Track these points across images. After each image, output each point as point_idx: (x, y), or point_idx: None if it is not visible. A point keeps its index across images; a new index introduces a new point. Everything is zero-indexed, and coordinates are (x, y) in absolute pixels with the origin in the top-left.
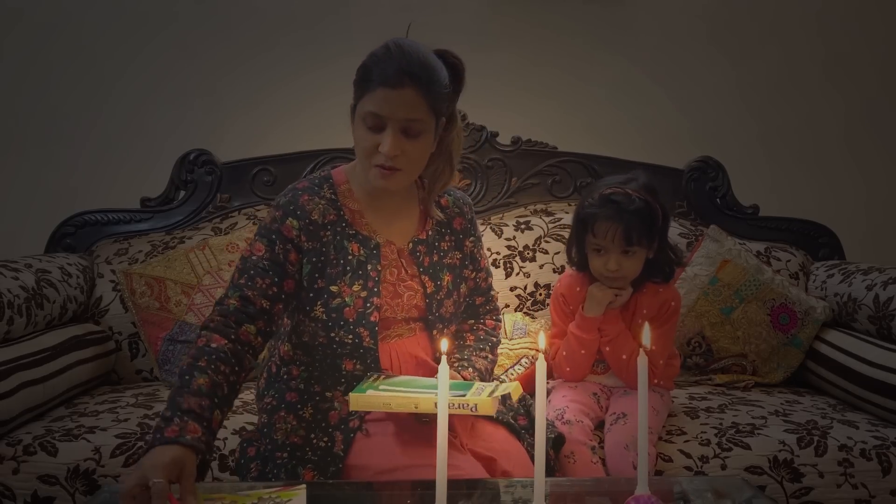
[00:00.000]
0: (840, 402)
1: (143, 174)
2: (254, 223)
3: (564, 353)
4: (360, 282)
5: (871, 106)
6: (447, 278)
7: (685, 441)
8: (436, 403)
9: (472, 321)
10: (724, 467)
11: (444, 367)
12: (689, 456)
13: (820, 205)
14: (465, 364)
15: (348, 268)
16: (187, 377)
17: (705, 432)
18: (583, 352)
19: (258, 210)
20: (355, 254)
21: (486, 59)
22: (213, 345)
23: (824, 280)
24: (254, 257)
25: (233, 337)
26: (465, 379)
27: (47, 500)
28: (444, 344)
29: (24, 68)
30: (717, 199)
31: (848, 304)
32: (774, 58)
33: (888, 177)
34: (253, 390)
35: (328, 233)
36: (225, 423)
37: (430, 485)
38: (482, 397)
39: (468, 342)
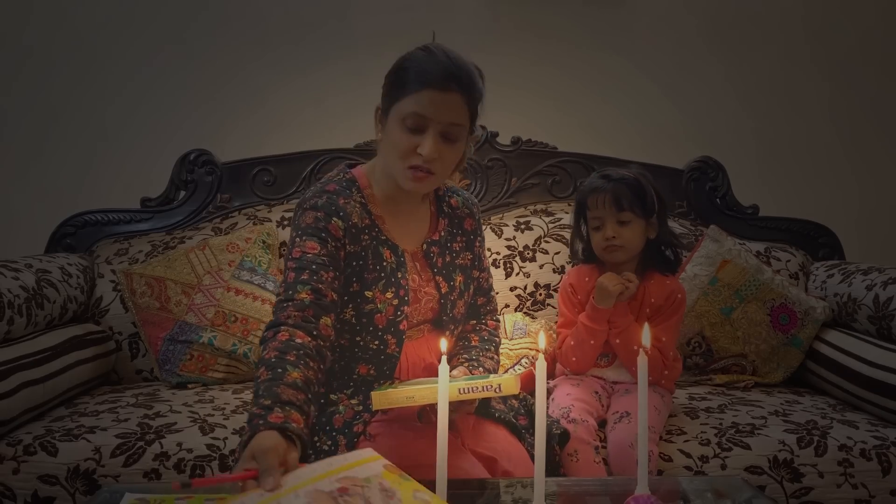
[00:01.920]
0: (840, 402)
1: (143, 174)
2: (254, 223)
3: (573, 343)
4: (393, 290)
5: (872, 106)
6: (459, 279)
7: (685, 441)
8: (459, 389)
9: (475, 321)
10: (724, 467)
11: (443, 367)
12: (689, 456)
13: (820, 205)
14: (476, 364)
15: (383, 274)
16: (280, 370)
17: (705, 432)
18: (592, 342)
19: (258, 210)
20: (388, 261)
21: (486, 59)
22: (298, 340)
23: (824, 280)
24: (309, 255)
25: (314, 333)
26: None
27: (47, 500)
28: (444, 344)
29: (24, 68)
30: (717, 199)
31: (848, 304)
32: (774, 58)
33: (888, 177)
34: (252, 391)
35: (366, 237)
36: (224, 423)
37: (430, 485)
38: (505, 377)
39: (473, 343)
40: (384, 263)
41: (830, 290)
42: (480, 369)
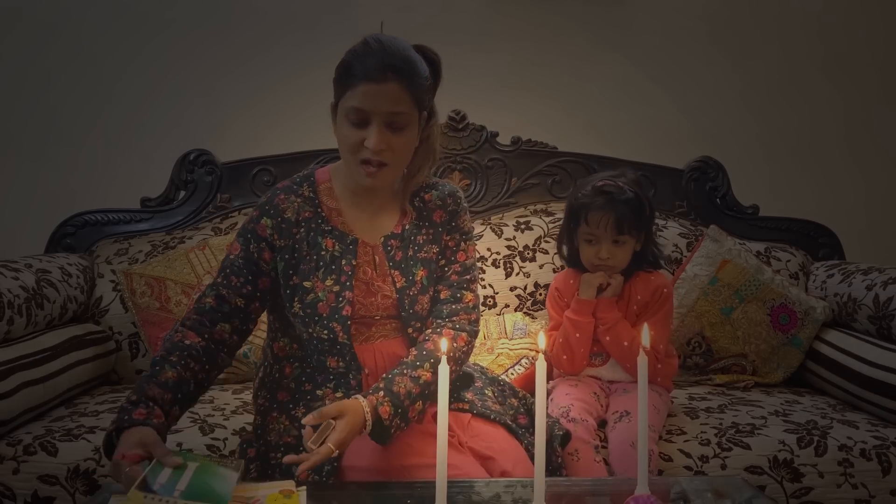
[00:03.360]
0: (840, 402)
1: (143, 174)
2: None
3: (561, 340)
4: (333, 276)
5: (872, 106)
6: (421, 273)
7: (685, 441)
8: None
9: (435, 324)
10: (724, 467)
11: (443, 367)
12: (689, 456)
13: (820, 205)
14: (382, 384)
15: (321, 263)
16: (157, 368)
17: (705, 432)
18: (577, 335)
19: None
20: (329, 249)
21: (486, 59)
22: (187, 341)
23: (824, 280)
24: (231, 256)
25: (206, 336)
26: (368, 408)
27: (47, 500)
28: (444, 343)
29: (23, 68)
30: (717, 199)
31: (848, 304)
32: (774, 58)
33: (888, 177)
34: (252, 391)
35: (301, 230)
36: (224, 423)
37: (430, 485)
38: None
39: (411, 357)
40: (322, 252)
41: (830, 290)
42: (381, 394)
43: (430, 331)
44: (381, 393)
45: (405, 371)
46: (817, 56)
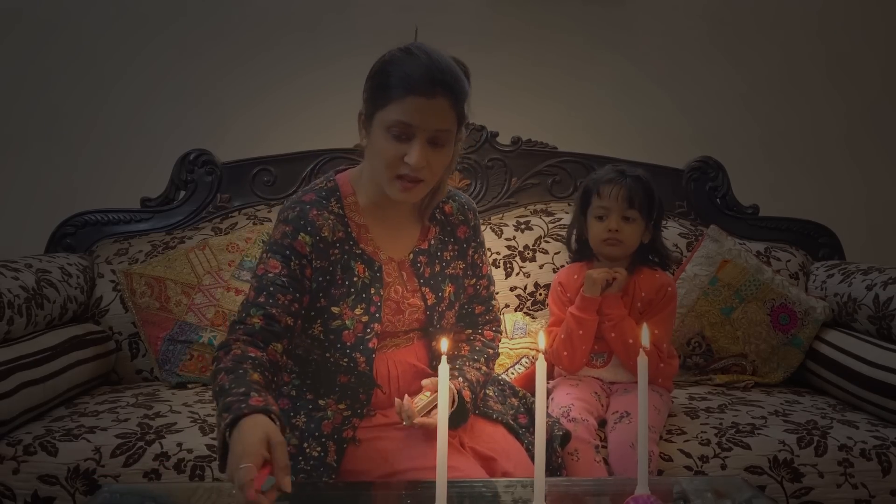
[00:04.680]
0: (840, 402)
1: (143, 174)
2: (254, 223)
3: (563, 336)
4: (363, 305)
5: (872, 106)
6: (449, 289)
7: (685, 441)
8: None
9: (470, 331)
10: (724, 467)
11: (443, 367)
12: (689, 456)
13: (820, 205)
14: (456, 373)
15: (352, 290)
16: (241, 371)
17: (705, 432)
18: (580, 332)
19: (258, 210)
20: (360, 276)
21: (486, 59)
22: (251, 354)
23: (824, 280)
24: (270, 274)
25: (263, 354)
26: (455, 389)
27: (47, 500)
28: (444, 343)
29: (24, 68)
30: (717, 199)
31: (848, 304)
32: (775, 58)
33: (888, 177)
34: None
35: (336, 251)
36: None
37: (430, 485)
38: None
39: (463, 352)
40: (354, 279)
41: (830, 290)
42: (461, 379)
43: (470, 331)
44: (461, 379)
45: (468, 363)
46: (818, 56)
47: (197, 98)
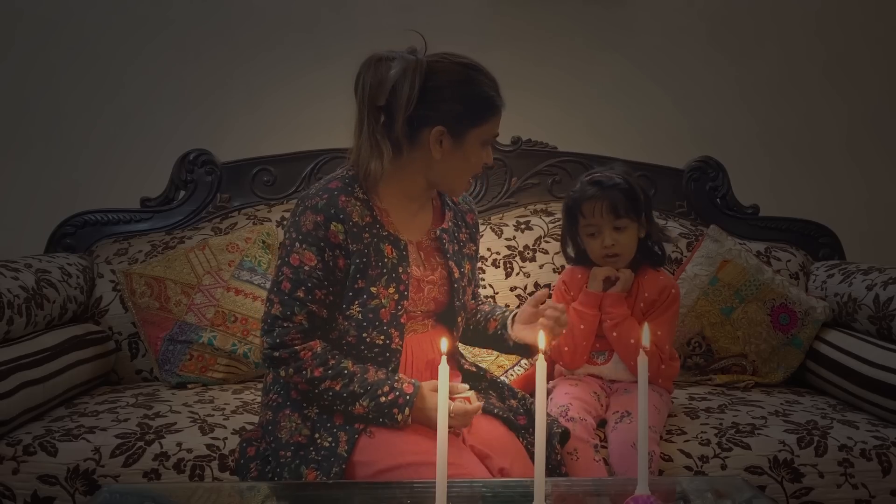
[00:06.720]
0: (840, 402)
1: (143, 174)
2: (254, 223)
3: (563, 331)
4: (394, 285)
5: (872, 106)
6: (467, 266)
7: (685, 441)
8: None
9: (474, 302)
10: (724, 467)
11: (444, 367)
12: (689, 456)
13: (820, 205)
14: (501, 313)
15: (384, 270)
16: (343, 369)
17: (705, 432)
18: (582, 326)
19: (258, 210)
20: (389, 256)
21: (486, 59)
22: (319, 350)
23: (824, 280)
24: (306, 268)
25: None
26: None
27: (47, 500)
28: (444, 343)
29: (24, 68)
30: (717, 199)
31: (848, 304)
32: (774, 58)
33: (888, 177)
34: (252, 391)
35: (367, 235)
36: (224, 423)
37: (430, 484)
38: None
39: (485, 308)
40: (385, 259)
41: (830, 290)
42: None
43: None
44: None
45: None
46: (817, 56)
47: (197, 98)
